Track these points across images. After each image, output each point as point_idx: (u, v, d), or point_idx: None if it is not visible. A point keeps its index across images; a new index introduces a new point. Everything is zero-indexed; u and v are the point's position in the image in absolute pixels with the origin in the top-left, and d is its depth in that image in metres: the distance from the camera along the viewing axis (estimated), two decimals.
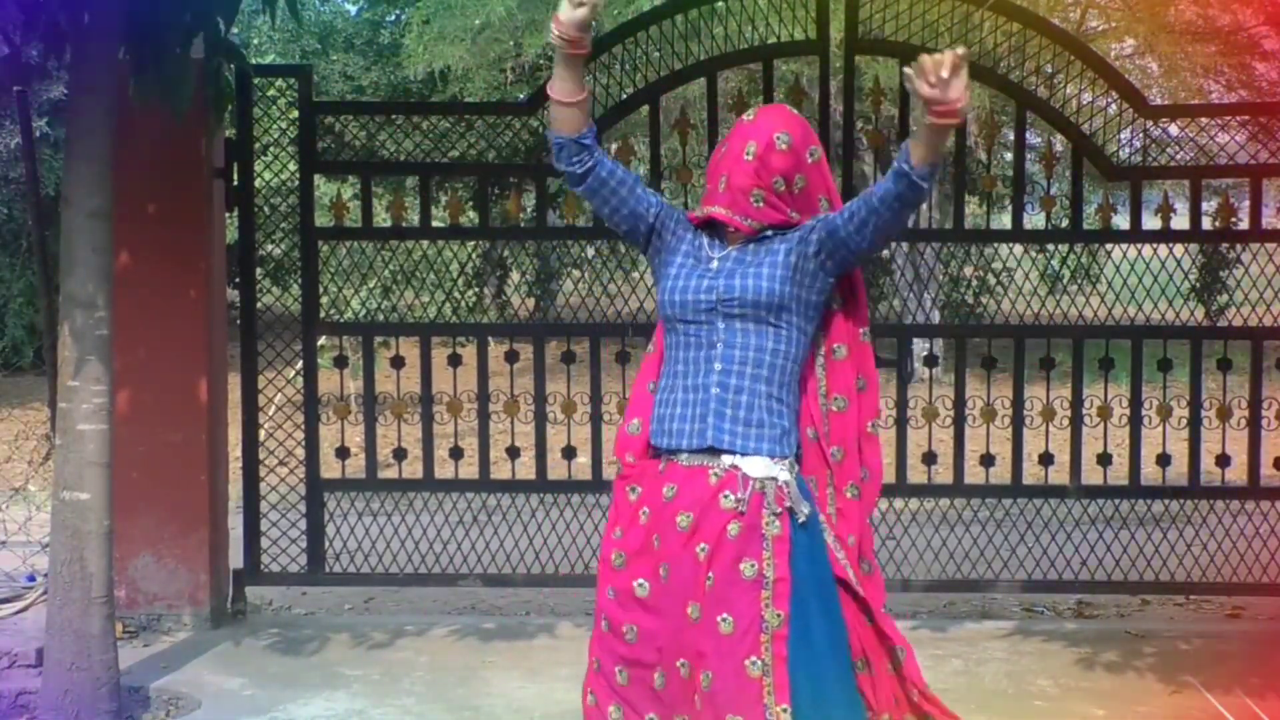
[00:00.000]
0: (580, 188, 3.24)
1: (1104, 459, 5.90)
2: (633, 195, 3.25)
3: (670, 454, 3.11)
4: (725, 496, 3.01)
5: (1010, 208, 6.26)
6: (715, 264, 3.14)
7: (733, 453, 3.04)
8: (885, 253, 16.55)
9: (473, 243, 6.41)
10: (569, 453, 5.91)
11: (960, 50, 2.84)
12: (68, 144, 4.48)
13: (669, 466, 3.11)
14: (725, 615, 2.96)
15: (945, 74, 2.82)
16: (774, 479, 3.02)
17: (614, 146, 6.69)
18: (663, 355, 3.22)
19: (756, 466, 3.03)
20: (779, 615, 2.95)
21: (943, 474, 6.34)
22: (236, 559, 5.90)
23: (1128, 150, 6.01)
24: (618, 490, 3.21)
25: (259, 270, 6.05)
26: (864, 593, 3.11)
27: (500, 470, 6.17)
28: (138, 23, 4.42)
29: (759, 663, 2.93)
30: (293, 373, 6.00)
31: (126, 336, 5.05)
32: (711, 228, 3.21)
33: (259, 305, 5.90)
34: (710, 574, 2.98)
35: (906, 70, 2.88)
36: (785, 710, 2.90)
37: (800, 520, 3.02)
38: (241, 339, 5.83)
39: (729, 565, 2.97)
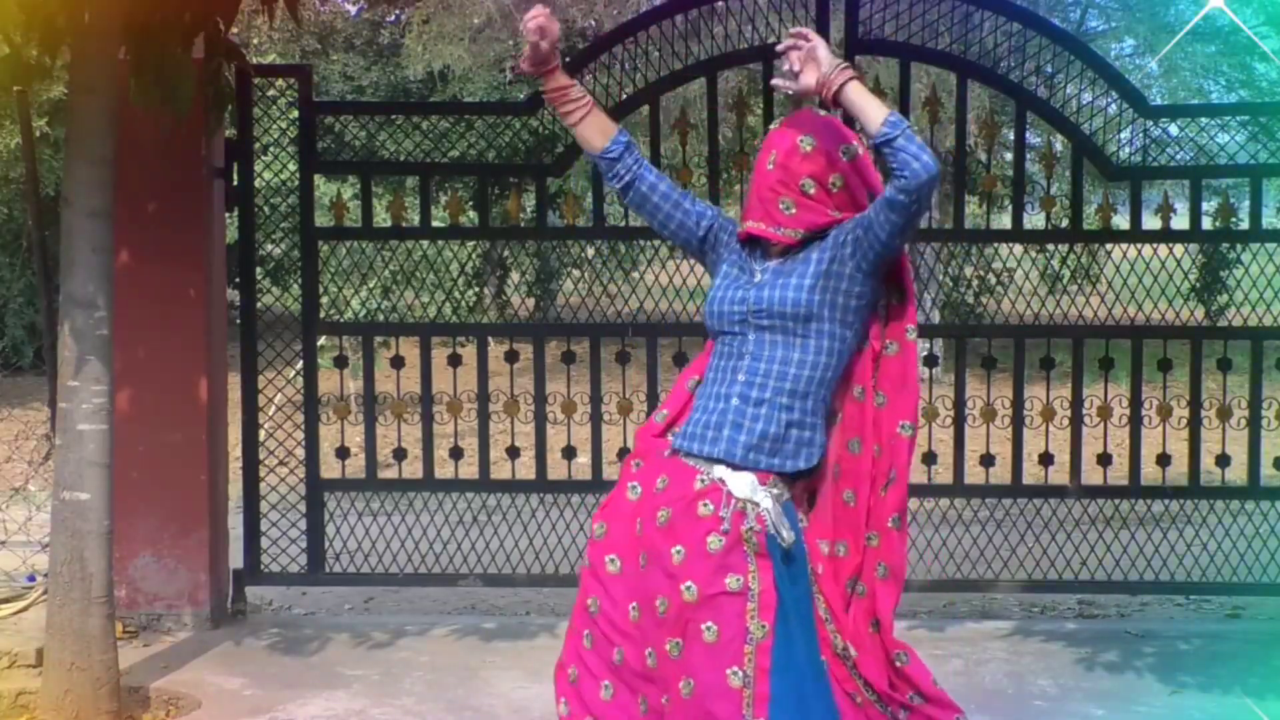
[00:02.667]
0: (626, 200, 3.33)
1: (1104, 459, 5.89)
2: (679, 209, 3.27)
3: (676, 450, 3.13)
4: (704, 504, 3.00)
5: (1010, 208, 6.26)
6: (758, 276, 3.15)
7: (730, 464, 3.02)
8: None
9: (473, 243, 6.41)
10: (569, 453, 5.91)
11: (793, 32, 3.01)
12: (68, 144, 4.48)
13: (672, 458, 3.12)
14: (710, 624, 2.94)
15: (798, 66, 3.01)
16: (755, 503, 2.99)
17: None
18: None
19: (742, 485, 3.00)
20: (764, 627, 2.94)
21: (943, 474, 6.34)
22: (236, 559, 5.90)
23: (1128, 150, 6.01)
24: (625, 463, 3.28)
25: (259, 270, 6.04)
26: (845, 637, 3.07)
27: (500, 470, 6.16)
28: (138, 23, 4.42)
29: (740, 673, 2.92)
30: (293, 373, 6.00)
31: (126, 336, 5.05)
32: (757, 241, 3.20)
33: (259, 305, 5.90)
34: (689, 582, 2.96)
35: (775, 83, 3.04)
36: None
37: (783, 545, 2.98)
38: (241, 339, 5.83)
39: (710, 576, 2.95)
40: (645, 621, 3.05)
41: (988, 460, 5.91)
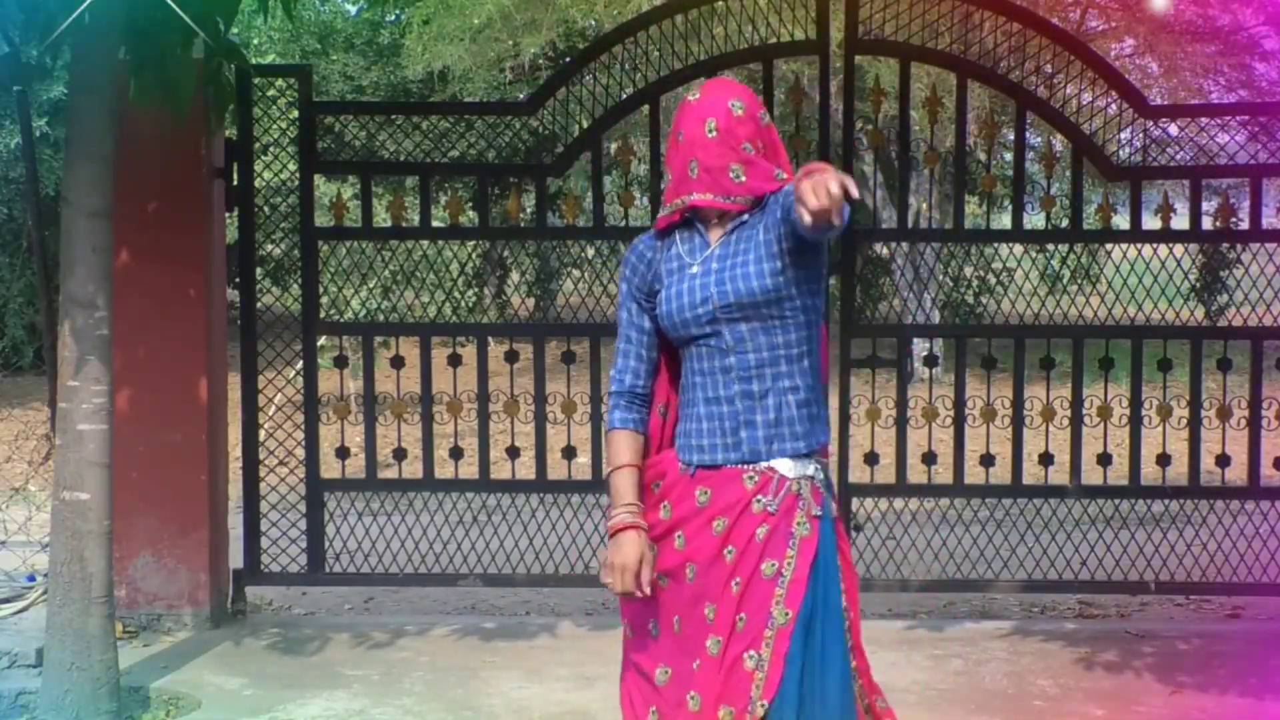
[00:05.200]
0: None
1: (1104, 459, 5.90)
2: (654, 339, 3.14)
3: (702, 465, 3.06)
4: (758, 501, 2.98)
5: (1010, 208, 6.26)
6: (696, 268, 3.04)
7: (767, 458, 3.00)
8: (885, 252, 16.61)
9: (473, 243, 6.41)
10: (569, 453, 5.91)
11: (846, 184, 2.67)
12: (68, 144, 4.48)
13: (700, 472, 3.05)
14: (742, 614, 2.94)
15: (836, 192, 2.66)
16: (809, 477, 2.99)
17: (614, 146, 6.69)
18: (670, 378, 3.16)
19: (788, 466, 3.00)
20: (787, 614, 2.92)
21: (943, 474, 6.34)
22: (236, 559, 5.90)
23: (1128, 150, 6.01)
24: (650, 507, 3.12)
25: (259, 270, 6.04)
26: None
27: (500, 470, 6.16)
28: (138, 23, 4.42)
29: (755, 656, 2.92)
30: (293, 373, 6.00)
31: (126, 336, 5.06)
32: (683, 225, 3.09)
33: (259, 305, 5.90)
34: (737, 578, 2.96)
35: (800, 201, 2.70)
36: (764, 705, 2.89)
37: (835, 515, 3.02)
38: (241, 339, 5.83)
39: (753, 567, 2.95)
40: (689, 631, 3.01)
41: (988, 460, 5.91)
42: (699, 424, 3.05)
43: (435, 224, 6.57)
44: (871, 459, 5.89)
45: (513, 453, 5.93)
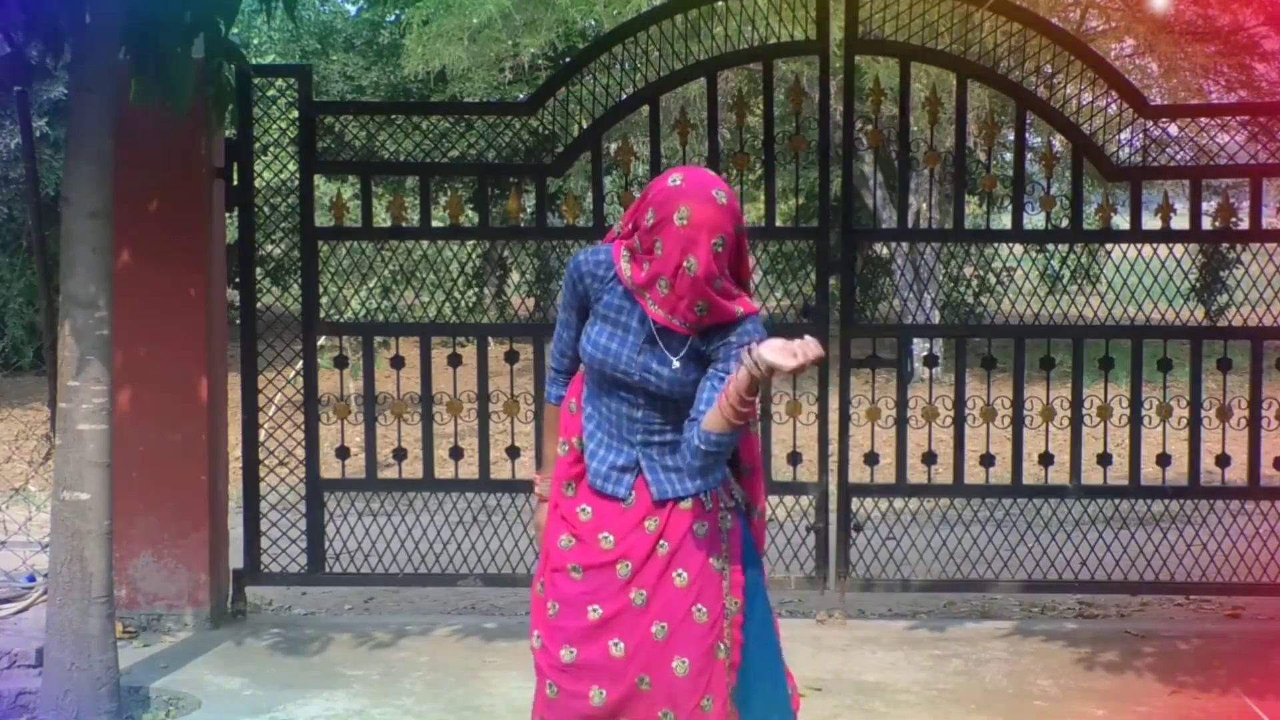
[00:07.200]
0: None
1: (1104, 459, 5.90)
2: (573, 346, 3.30)
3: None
4: (684, 502, 3.17)
5: (1010, 208, 6.26)
6: (631, 338, 3.13)
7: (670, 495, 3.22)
8: (885, 252, 16.62)
9: (473, 243, 6.41)
10: None
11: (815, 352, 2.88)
12: (68, 144, 4.48)
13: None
14: (699, 606, 3.13)
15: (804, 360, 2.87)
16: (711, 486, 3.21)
17: (614, 146, 6.69)
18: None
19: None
20: (736, 602, 3.17)
21: (943, 474, 6.34)
22: (236, 559, 5.90)
23: (1128, 150, 6.01)
24: (555, 491, 3.33)
25: (259, 270, 6.04)
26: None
27: (500, 470, 6.16)
28: (138, 23, 4.43)
29: (723, 647, 3.14)
30: (293, 373, 6.00)
31: (126, 336, 5.06)
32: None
33: (259, 305, 5.90)
34: (681, 570, 3.14)
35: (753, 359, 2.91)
36: (733, 687, 3.16)
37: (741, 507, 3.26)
38: (241, 339, 5.83)
39: (703, 562, 3.15)
40: (613, 619, 3.16)
41: (988, 460, 5.91)
42: (603, 454, 3.22)
43: (435, 224, 6.57)
44: (871, 459, 5.89)
45: (513, 453, 5.93)
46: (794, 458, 5.94)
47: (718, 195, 3.00)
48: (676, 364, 3.10)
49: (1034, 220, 6.79)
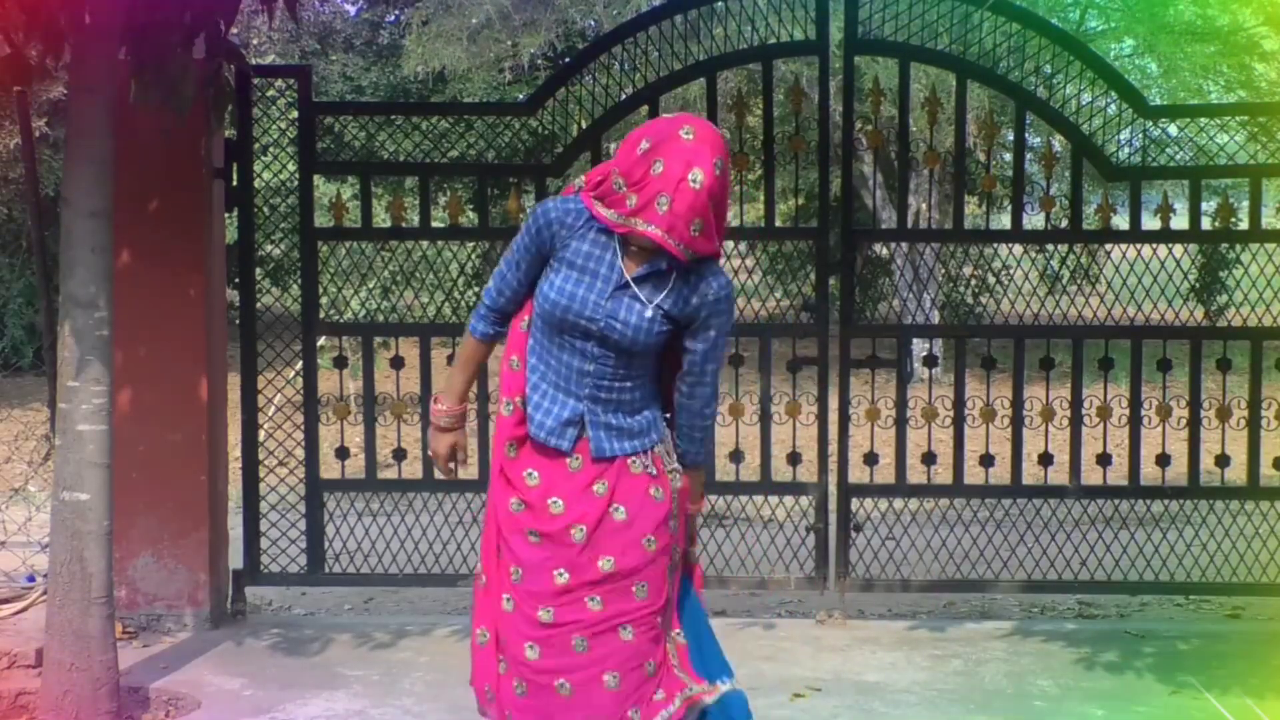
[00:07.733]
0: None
1: (1104, 459, 5.90)
2: (522, 287, 3.41)
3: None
4: (634, 462, 3.34)
5: (1010, 208, 6.27)
6: (600, 284, 3.26)
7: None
8: (885, 252, 16.61)
9: (473, 243, 6.41)
10: None
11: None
12: (68, 144, 4.48)
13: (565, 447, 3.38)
14: (650, 537, 3.32)
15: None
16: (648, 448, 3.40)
17: (613, 147, 6.68)
18: (524, 335, 3.41)
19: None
20: (678, 549, 3.43)
21: (943, 474, 6.34)
22: (236, 559, 5.90)
23: (1127, 150, 6.01)
24: (497, 452, 3.51)
25: (259, 270, 6.05)
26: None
27: None
28: (137, 23, 4.42)
29: (670, 566, 3.40)
30: (292, 373, 6.00)
31: (126, 336, 5.05)
32: (606, 230, 3.27)
33: (259, 305, 5.90)
34: (651, 537, 3.33)
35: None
36: (680, 634, 3.46)
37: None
38: (241, 339, 5.83)
39: (660, 522, 3.34)
40: (577, 582, 3.31)
41: (987, 460, 5.91)
42: (547, 406, 3.32)
43: (435, 224, 6.57)
44: (871, 459, 5.89)
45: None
46: (793, 458, 5.94)
47: (717, 132, 3.23)
48: (650, 311, 3.22)
49: (1033, 220, 6.80)
